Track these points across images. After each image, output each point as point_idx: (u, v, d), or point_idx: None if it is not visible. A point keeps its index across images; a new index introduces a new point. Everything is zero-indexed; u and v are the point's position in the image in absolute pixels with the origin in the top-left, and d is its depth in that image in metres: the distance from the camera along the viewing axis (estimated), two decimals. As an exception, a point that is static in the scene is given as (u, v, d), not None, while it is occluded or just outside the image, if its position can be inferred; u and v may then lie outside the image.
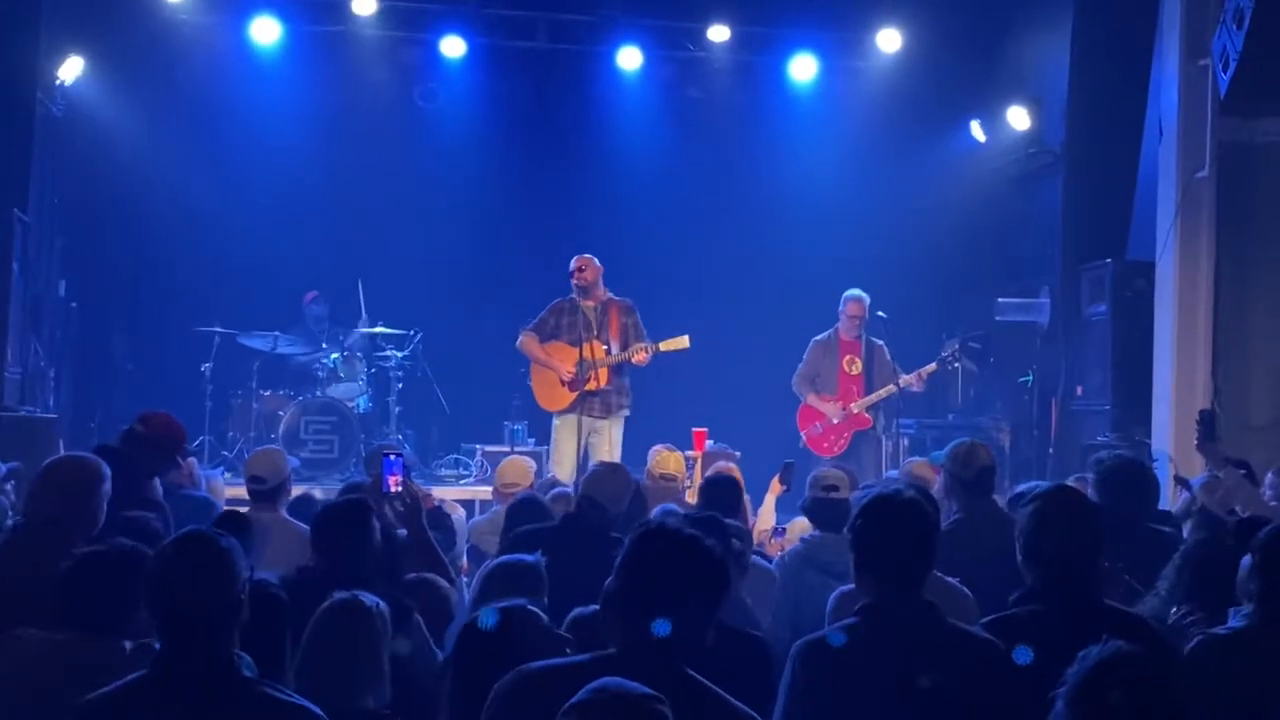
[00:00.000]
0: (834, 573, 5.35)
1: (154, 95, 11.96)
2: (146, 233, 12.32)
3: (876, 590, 3.55)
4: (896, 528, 3.57)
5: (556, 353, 9.58)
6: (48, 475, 4.80)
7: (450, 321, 12.07)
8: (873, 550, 3.58)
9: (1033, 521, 3.86)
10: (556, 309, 9.70)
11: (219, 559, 3.17)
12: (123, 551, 3.88)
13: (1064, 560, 3.78)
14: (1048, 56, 11.73)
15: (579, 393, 9.36)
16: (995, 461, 6.03)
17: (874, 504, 3.64)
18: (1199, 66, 9.09)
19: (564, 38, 12.88)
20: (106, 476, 4.78)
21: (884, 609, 3.51)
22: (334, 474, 10.81)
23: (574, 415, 9.41)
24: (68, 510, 4.63)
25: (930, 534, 3.62)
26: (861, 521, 3.62)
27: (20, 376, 9.96)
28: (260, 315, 11.93)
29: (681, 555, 2.99)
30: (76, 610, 3.78)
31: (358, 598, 3.78)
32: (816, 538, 5.76)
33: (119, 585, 3.76)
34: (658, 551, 3.00)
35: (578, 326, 9.50)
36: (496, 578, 4.25)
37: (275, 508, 6.14)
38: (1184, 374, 9.29)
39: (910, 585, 3.53)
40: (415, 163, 12.74)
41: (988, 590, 4.60)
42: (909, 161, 12.71)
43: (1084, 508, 3.98)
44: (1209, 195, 9.30)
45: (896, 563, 3.55)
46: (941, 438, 10.56)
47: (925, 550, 3.60)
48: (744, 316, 12.53)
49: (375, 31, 12.47)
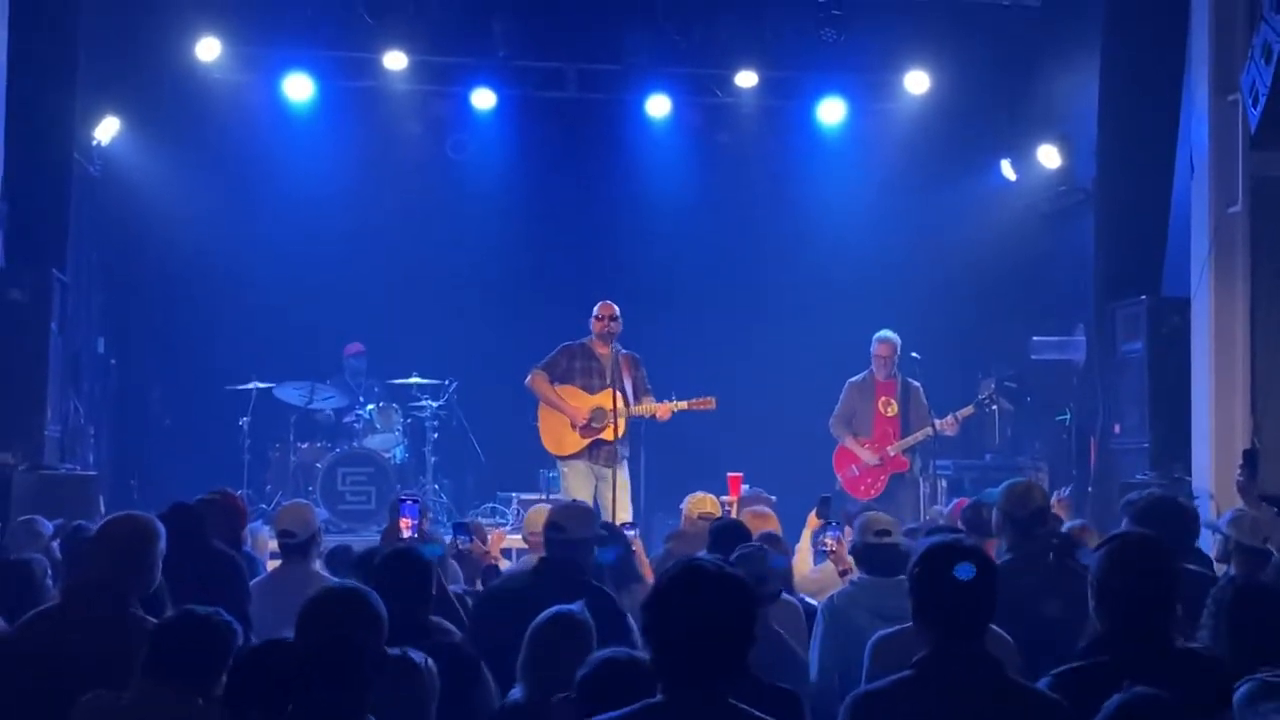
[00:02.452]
0: (886, 616, 5.33)
1: (189, 153, 12.13)
2: (183, 288, 12.46)
3: (935, 641, 3.45)
4: (961, 577, 3.46)
5: (570, 397, 9.52)
6: (103, 535, 4.78)
7: (484, 370, 12.11)
8: (933, 599, 3.47)
9: (1106, 563, 3.77)
10: (568, 352, 9.62)
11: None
12: (211, 615, 3.93)
13: (1139, 602, 3.69)
14: (1076, 94, 11.72)
15: (591, 440, 9.33)
16: (1049, 501, 5.97)
17: (936, 551, 3.53)
18: (1228, 102, 9.06)
19: (592, 87, 12.98)
20: (161, 535, 4.76)
21: (943, 660, 3.41)
22: (371, 525, 10.83)
23: (583, 462, 9.40)
24: (125, 569, 4.61)
25: (993, 584, 3.51)
26: (920, 569, 3.52)
27: (60, 434, 10.04)
28: (297, 367, 12.03)
29: (712, 589, 2.96)
30: (167, 666, 3.82)
31: (408, 655, 3.77)
32: (866, 581, 5.71)
33: (213, 647, 3.85)
34: (686, 588, 2.98)
35: (593, 373, 9.47)
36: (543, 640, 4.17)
37: (307, 561, 6.20)
38: (1223, 410, 9.20)
39: (971, 636, 3.44)
40: (447, 213, 12.85)
41: (1030, 636, 4.57)
42: (940, 202, 12.73)
43: (1158, 549, 3.89)
44: (1242, 230, 9.23)
45: (958, 613, 3.45)
46: (980, 479, 10.52)
47: (987, 601, 3.49)
48: (777, 360, 12.52)
49: (406, 86, 12.61)
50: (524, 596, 4.91)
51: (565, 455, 9.55)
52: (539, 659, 3.97)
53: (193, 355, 12.45)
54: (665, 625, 2.95)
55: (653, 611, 2.98)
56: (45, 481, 9.06)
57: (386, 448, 11.76)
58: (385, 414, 11.88)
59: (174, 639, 3.86)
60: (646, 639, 2.99)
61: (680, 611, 2.94)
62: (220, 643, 3.86)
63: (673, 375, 10.37)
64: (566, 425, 9.50)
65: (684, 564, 3.06)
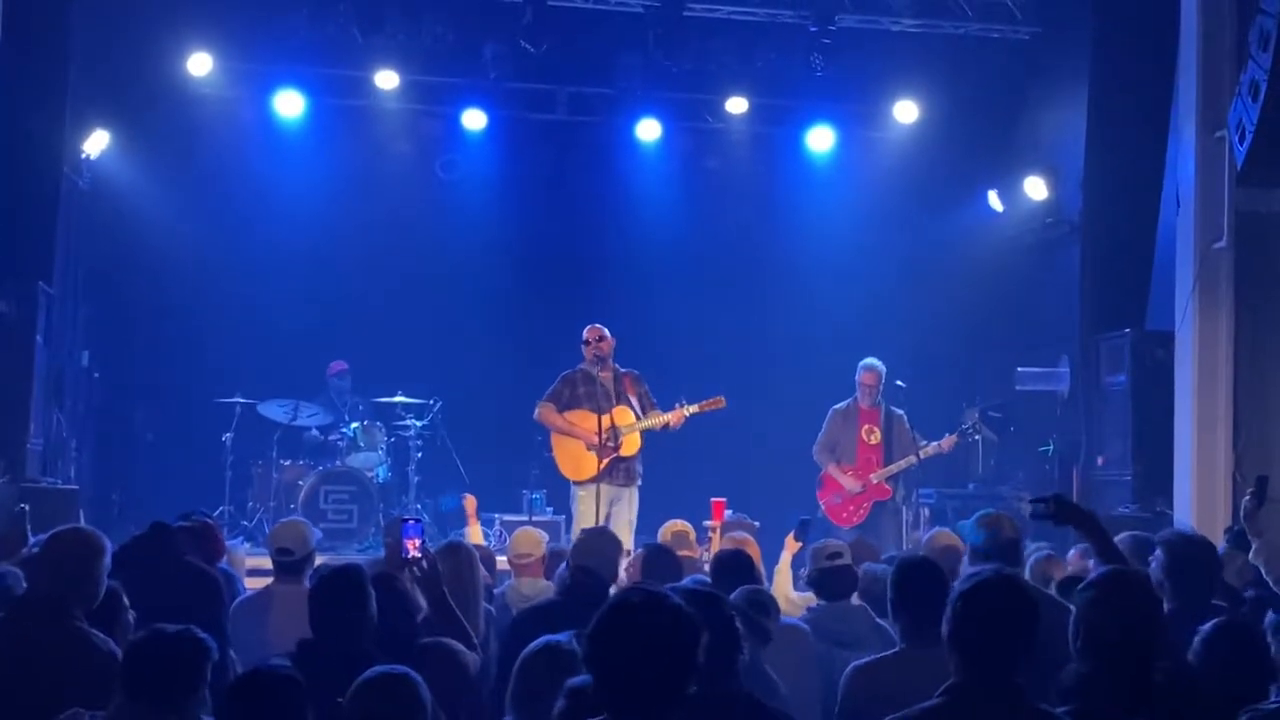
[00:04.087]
0: (842, 643, 5.33)
1: (179, 167, 12.13)
2: (169, 303, 12.43)
3: (966, 671, 3.48)
4: (999, 611, 3.50)
5: (581, 420, 9.41)
6: (48, 550, 4.74)
7: (469, 390, 12.11)
8: (972, 632, 3.48)
9: (1099, 606, 3.75)
10: (569, 380, 9.51)
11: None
12: (181, 632, 3.92)
13: (1127, 645, 3.68)
14: (1064, 127, 11.80)
15: (609, 459, 9.30)
16: (1020, 533, 5.99)
17: (979, 588, 3.55)
18: (1215, 138, 9.12)
19: (583, 110, 13.02)
20: (107, 549, 4.73)
21: (974, 690, 3.44)
22: (352, 544, 10.82)
23: (594, 484, 9.34)
24: (70, 584, 4.57)
25: (1033, 620, 3.53)
26: (963, 605, 3.53)
27: (42, 448, 10.00)
28: (281, 384, 11.99)
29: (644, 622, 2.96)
30: (143, 686, 3.80)
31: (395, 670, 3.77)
32: (822, 608, 5.74)
33: (187, 664, 3.82)
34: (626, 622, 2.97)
35: (597, 396, 9.35)
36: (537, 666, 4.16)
37: (300, 580, 6.15)
38: (1205, 444, 9.24)
39: (1005, 668, 3.47)
40: (435, 233, 12.86)
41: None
42: (926, 231, 12.79)
43: (1148, 590, 3.92)
44: (1227, 265, 9.29)
45: (995, 646, 3.47)
46: (962, 508, 10.53)
47: (1027, 635, 3.51)
48: (762, 386, 12.51)
49: (397, 105, 12.63)
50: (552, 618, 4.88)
51: (584, 480, 9.39)
52: (529, 691, 3.96)
53: (177, 370, 12.39)
54: (605, 655, 2.94)
55: (592, 642, 2.97)
56: (26, 495, 9.01)
57: (370, 466, 11.72)
58: (369, 432, 11.85)
59: (146, 658, 3.84)
60: (588, 668, 2.99)
61: (617, 641, 2.93)
62: (194, 660, 3.84)
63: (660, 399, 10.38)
64: (582, 448, 9.35)
65: (621, 594, 3.10)
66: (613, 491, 9.34)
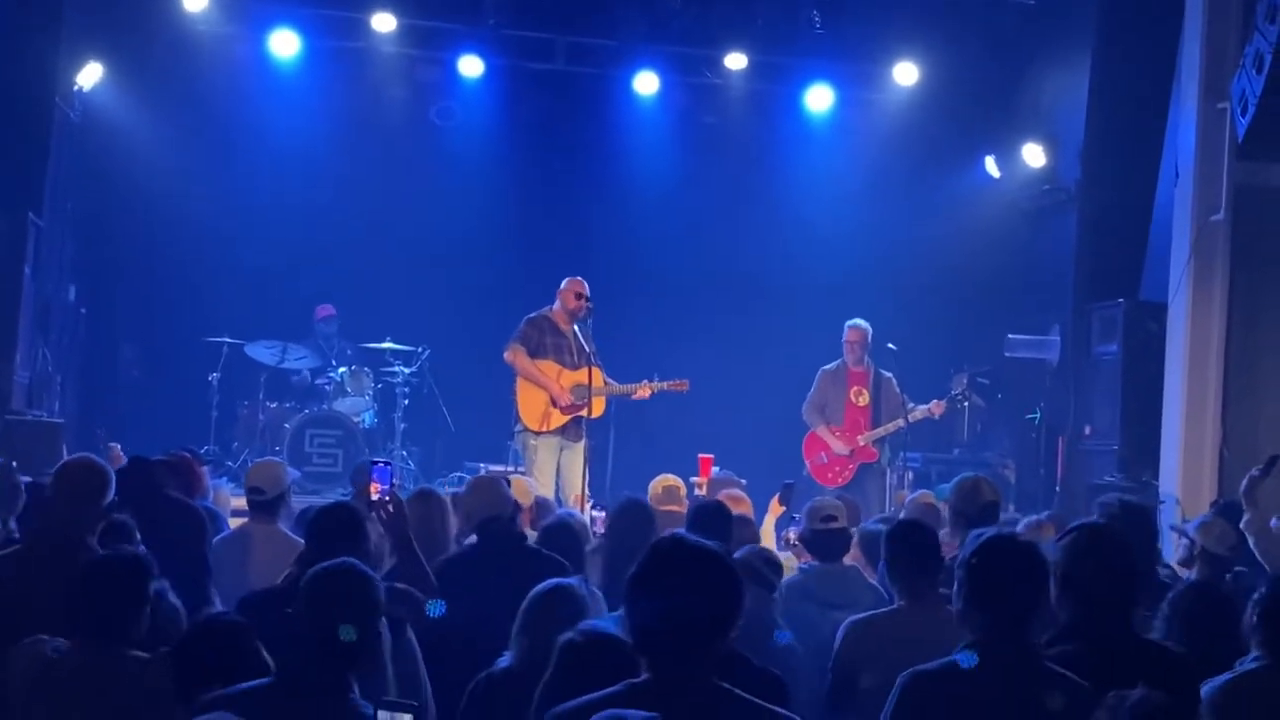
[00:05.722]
0: (834, 604, 5.33)
1: (171, 103, 11.99)
2: (158, 240, 12.31)
3: (984, 630, 3.51)
4: (1015, 570, 3.53)
5: (548, 371, 9.48)
6: (61, 476, 4.87)
7: (458, 339, 12.05)
8: (989, 591, 3.52)
9: (1068, 553, 3.85)
10: (537, 325, 9.55)
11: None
12: (128, 558, 3.91)
13: (1100, 589, 3.78)
14: (1065, 95, 11.75)
15: (572, 416, 9.32)
16: (1000, 497, 6.04)
17: (992, 544, 3.58)
18: (1217, 110, 9.09)
19: (582, 60, 12.90)
20: (112, 478, 4.88)
21: (991, 648, 3.47)
22: (337, 488, 10.77)
23: (555, 437, 9.39)
24: (83, 507, 4.72)
25: (1046, 579, 3.62)
26: (978, 561, 3.56)
27: (28, 381, 9.95)
28: (270, 326, 11.95)
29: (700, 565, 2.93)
30: (86, 618, 3.83)
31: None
32: (815, 568, 5.73)
33: (127, 593, 3.85)
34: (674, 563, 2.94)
35: (563, 349, 9.44)
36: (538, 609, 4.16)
37: (273, 520, 6.19)
38: (1194, 417, 9.26)
39: (1022, 627, 3.51)
40: (429, 180, 12.75)
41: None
42: (923, 194, 12.74)
43: (1120, 540, 3.98)
44: (1223, 239, 9.28)
45: (1012, 605, 3.50)
46: (947, 472, 10.55)
47: (1042, 594, 3.59)
48: (753, 343, 12.50)
49: (394, 49, 12.49)
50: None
51: (545, 431, 9.43)
52: (534, 627, 3.95)
53: (164, 308, 12.30)
54: (647, 602, 2.89)
55: (634, 589, 2.92)
56: (10, 427, 8.98)
57: (356, 411, 11.70)
58: (356, 378, 11.81)
59: (86, 588, 3.90)
60: (628, 617, 2.94)
61: (661, 589, 2.89)
62: (131, 581, 3.90)
63: (647, 353, 10.37)
64: (549, 401, 9.42)
65: (664, 541, 3.01)
66: (566, 443, 9.43)
